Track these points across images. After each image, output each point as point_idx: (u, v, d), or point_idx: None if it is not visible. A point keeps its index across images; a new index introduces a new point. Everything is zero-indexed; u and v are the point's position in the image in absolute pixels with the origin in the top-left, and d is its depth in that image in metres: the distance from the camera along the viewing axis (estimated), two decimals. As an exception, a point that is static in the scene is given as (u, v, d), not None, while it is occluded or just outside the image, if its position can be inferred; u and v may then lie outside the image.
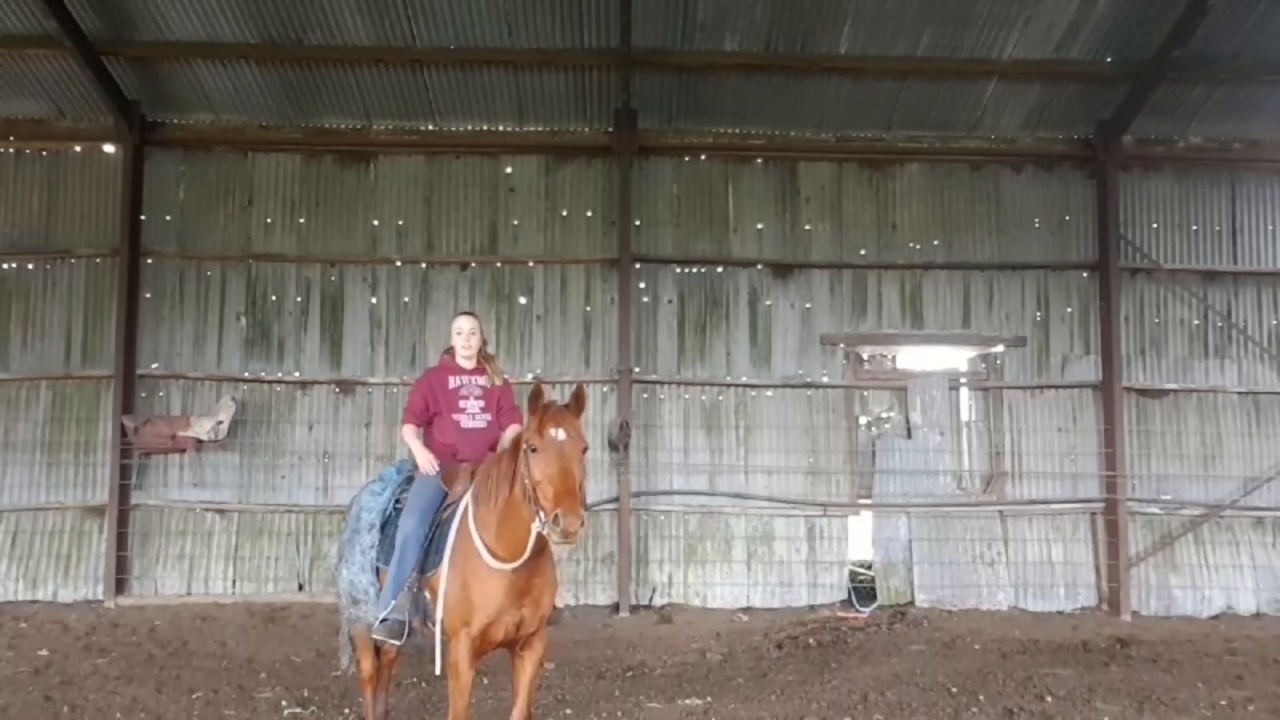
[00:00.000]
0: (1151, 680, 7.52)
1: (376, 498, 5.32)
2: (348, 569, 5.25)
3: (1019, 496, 10.98)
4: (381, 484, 5.42)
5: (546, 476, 4.15)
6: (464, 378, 5.30)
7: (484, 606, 4.49)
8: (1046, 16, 10.00)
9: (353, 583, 5.20)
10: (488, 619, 4.50)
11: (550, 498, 4.09)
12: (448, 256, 11.11)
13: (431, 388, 5.28)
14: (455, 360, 5.37)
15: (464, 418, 5.21)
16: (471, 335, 5.31)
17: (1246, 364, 11.25)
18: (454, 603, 4.55)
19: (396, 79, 10.64)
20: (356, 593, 5.19)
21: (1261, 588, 10.78)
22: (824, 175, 11.31)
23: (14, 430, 10.80)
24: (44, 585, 10.52)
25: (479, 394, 5.27)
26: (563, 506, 4.01)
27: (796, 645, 8.73)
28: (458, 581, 4.56)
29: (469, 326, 5.33)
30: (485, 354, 5.44)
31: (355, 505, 5.46)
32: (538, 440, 4.23)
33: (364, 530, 5.22)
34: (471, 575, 4.52)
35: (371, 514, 5.25)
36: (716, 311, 11.12)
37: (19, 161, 11.15)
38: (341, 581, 5.36)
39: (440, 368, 5.41)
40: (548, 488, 4.12)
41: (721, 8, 9.89)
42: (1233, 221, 11.38)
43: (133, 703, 6.62)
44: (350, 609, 5.28)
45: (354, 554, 5.22)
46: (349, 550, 5.29)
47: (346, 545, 5.36)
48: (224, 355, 10.99)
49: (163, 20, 10.02)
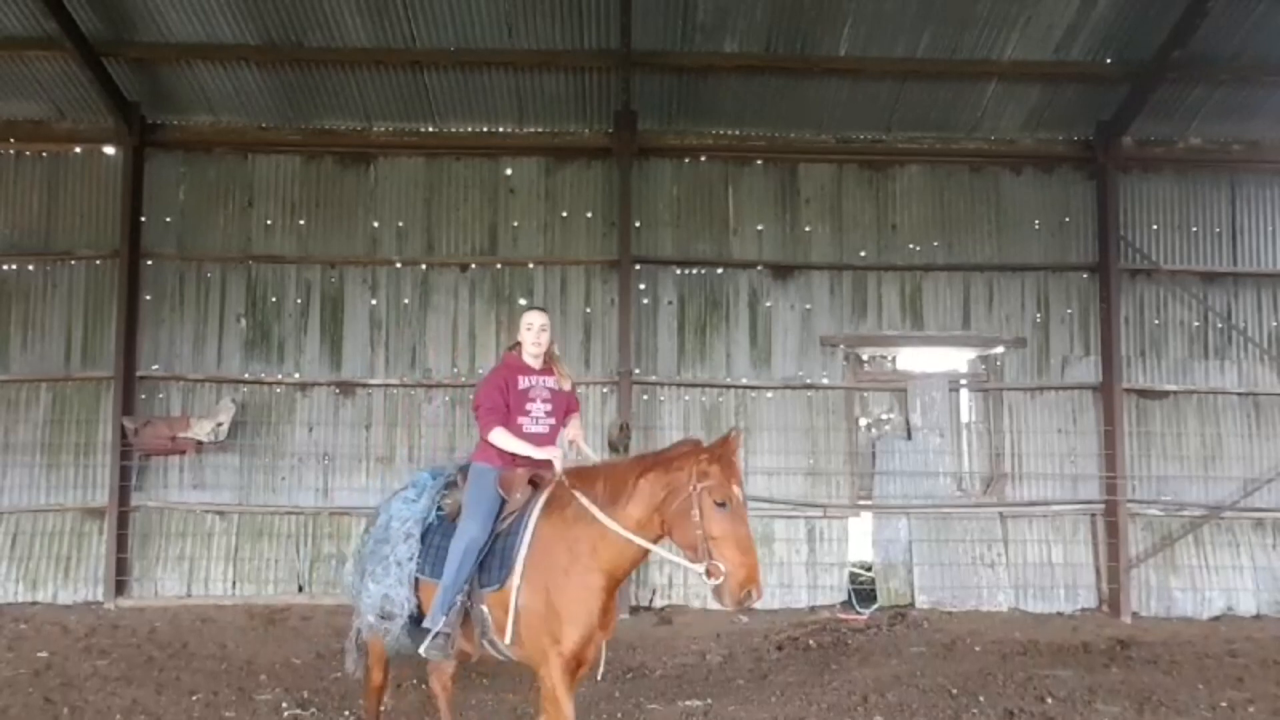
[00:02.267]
0: (1152, 682, 7.52)
1: (411, 505, 5.04)
2: (377, 582, 4.90)
3: (1019, 498, 10.97)
4: (415, 490, 5.13)
5: (734, 540, 4.14)
6: (534, 378, 5.01)
7: (577, 623, 4.34)
8: (1046, 17, 10.00)
9: (386, 596, 4.85)
10: (582, 636, 4.36)
11: (737, 564, 4.10)
12: (448, 258, 11.12)
13: (505, 386, 4.94)
14: (522, 358, 5.07)
15: (528, 421, 4.92)
16: (542, 331, 5.03)
17: (1246, 365, 11.24)
18: (538, 619, 4.37)
19: (396, 80, 10.64)
20: (391, 606, 4.85)
21: (1262, 589, 10.77)
22: (824, 176, 11.31)
23: (14, 431, 10.79)
24: (44, 587, 10.52)
25: (546, 396, 5.01)
26: (754, 585, 4.11)
27: (796, 647, 8.73)
28: (539, 597, 4.37)
29: (540, 322, 5.04)
30: (551, 353, 5.18)
31: (383, 514, 5.18)
32: (727, 494, 4.19)
33: (397, 540, 4.91)
34: (559, 590, 4.35)
35: (407, 523, 4.96)
36: (716, 313, 11.12)
37: (19, 163, 11.14)
38: (368, 596, 4.95)
39: (508, 366, 5.07)
40: (734, 553, 4.12)
41: (721, 8, 9.89)
42: (1233, 223, 11.37)
43: (133, 704, 6.63)
44: (380, 624, 4.92)
45: (386, 566, 4.89)
46: (376, 562, 4.97)
47: (371, 556, 5.04)
48: (224, 357, 10.99)
49: (163, 21, 10.02)
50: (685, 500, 4.24)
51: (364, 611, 5.00)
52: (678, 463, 4.35)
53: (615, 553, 4.43)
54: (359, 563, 5.26)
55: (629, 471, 4.49)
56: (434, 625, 4.59)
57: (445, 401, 10.98)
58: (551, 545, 4.46)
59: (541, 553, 4.44)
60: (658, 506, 4.34)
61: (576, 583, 4.37)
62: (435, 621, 4.60)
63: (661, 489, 4.34)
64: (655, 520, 4.38)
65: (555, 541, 4.48)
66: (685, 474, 4.28)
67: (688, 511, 4.22)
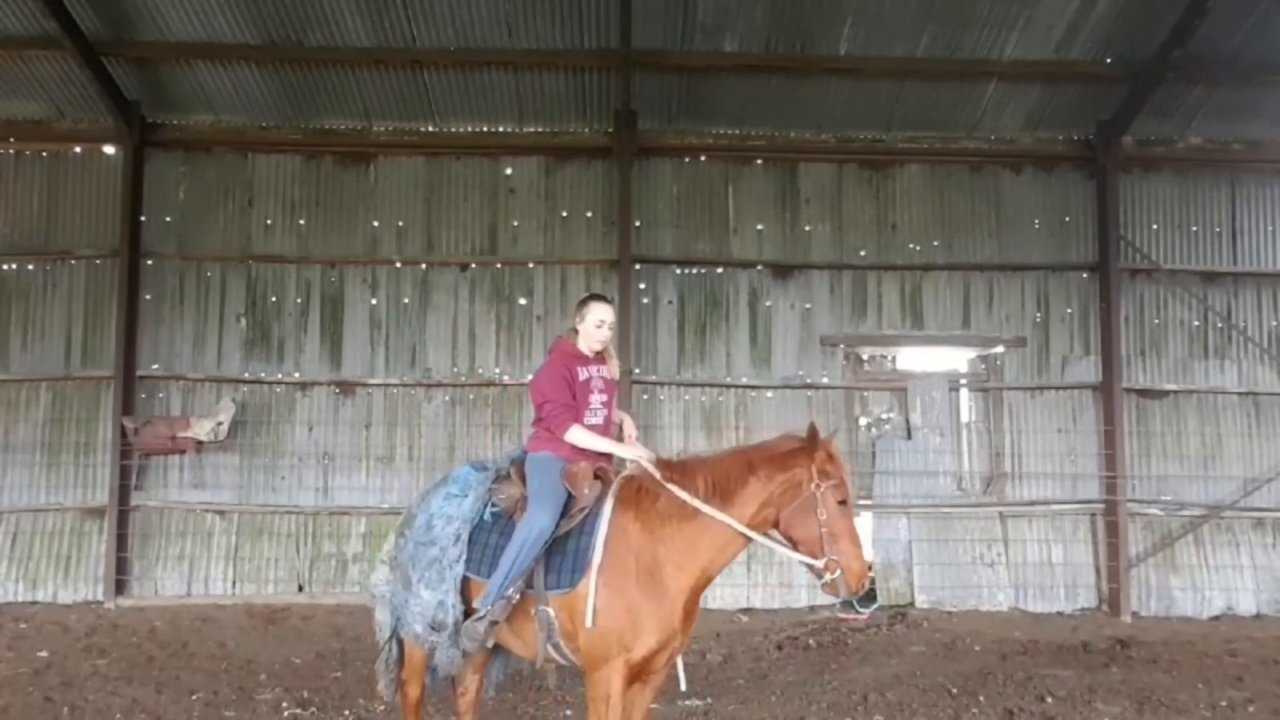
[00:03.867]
0: (1151, 681, 7.52)
1: (456, 502, 4.64)
2: (431, 589, 4.51)
3: (1019, 497, 10.97)
4: (458, 486, 4.72)
5: (851, 536, 4.19)
6: (590, 368, 4.68)
7: (655, 630, 4.15)
8: (1046, 17, 10.00)
9: (441, 604, 4.48)
10: (657, 643, 4.17)
11: (854, 558, 4.16)
12: (448, 257, 11.11)
13: (570, 379, 4.59)
14: (578, 347, 4.73)
15: (588, 414, 4.62)
16: (611, 330, 4.73)
17: (1246, 365, 11.24)
18: (615, 625, 4.13)
19: (396, 80, 10.64)
20: (444, 615, 4.47)
21: (1262, 589, 10.77)
22: (824, 176, 11.31)
23: (14, 431, 10.80)
24: (44, 586, 10.52)
25: (602, 387, 4.71)
26: (866, 579, 4.24)
27: (796, 646, 8.73)
28: (618, 600, 4.15)
29: (611, 319, 4.71)
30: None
31: (421, 513, 4.73)
32: (847, 493, 4.23)
33: (447, 542, 4.53)
34: (642, 593, 4.16)
35: (454, 522, 4.57)
36: (716, 312, 11.11)
37: (19, 162, 11.14)
38: (418, 604, 4.54)
39: (567, 355, 4.69)
40: (852, 547, 4.17)
41: (721, 8, 9.89)
42: (1233, 222, 11.37)
43: (133, 704, 6.62)
44: (428, 635, 4.55)
45: (441, 571, 4.51)
46: (426, 566, 4.56)
47: (416, 561, 4.61)
48: (224, 356, 10.99)
49: (163, 21, 10.02)
50: (808, 499, 4.19)
51: (410, 621, 4.61)
52: (791, 460, 4.27)
53: (717, 550, 4.30)
54: (398, 568, 4.76)
55: (735, 467, 4.34)
56: (483, 607, 4.32)
57: (445, 401, 10.98)
58: (634, 544, 4.25)
59: (621, 552, 4.22)
60: (772, 503, 4.26)
61: (663, 585, 4.20)
62: (485, 604, 4.32)
63: (777, 486, 4.25)
64: (764, 516, 4.29)
65: (640, 540, 4.26)
66: (804, 472, 4.21)
67: (811, 510, 4.18)
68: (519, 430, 10.86)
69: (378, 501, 10.80)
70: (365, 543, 10.72)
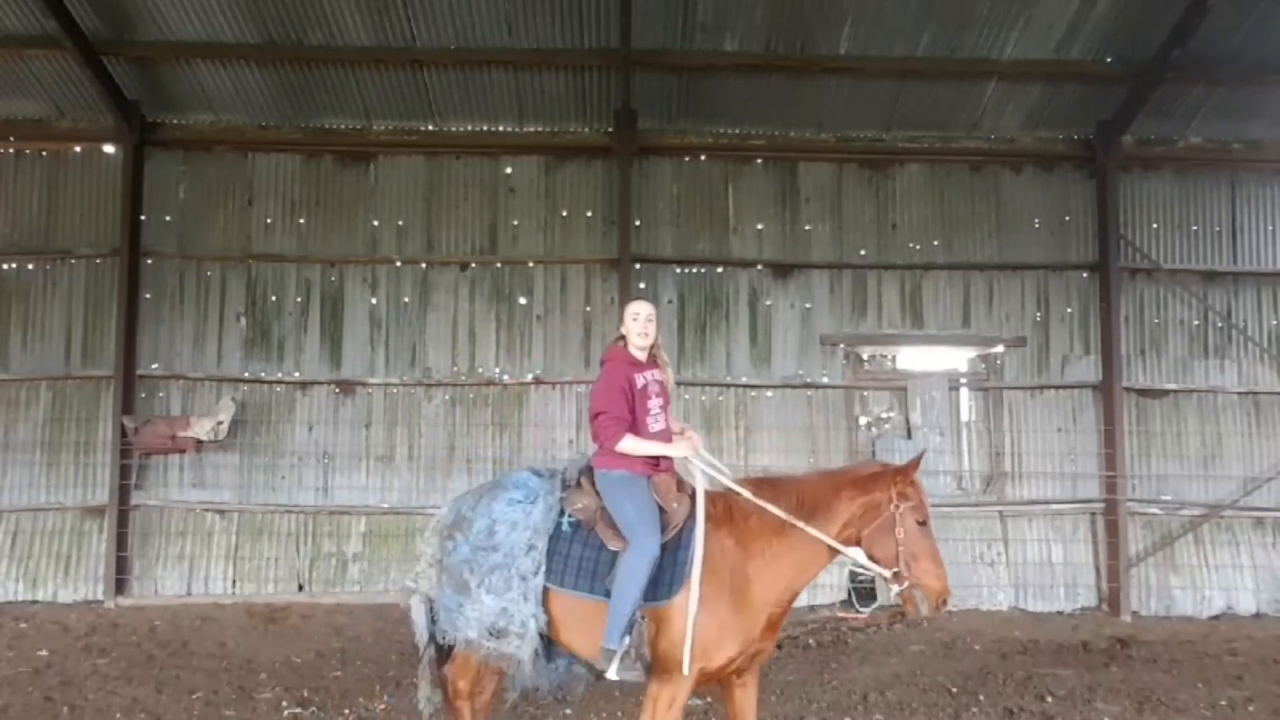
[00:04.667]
0: (1151, 681, 7.53)
1: (520, 509, 4.61)
2: (495, 595, 4.46)
3: (1019, 497, 10.98)
4: (522, 492, 4.68)
5: (931, 555, 4.39)
6: (646, 374, 4.74)
7: (737, 643, 4.37)
8: (1046, 17, 10.00)
9: (505, 611, 4.44)
10: (738, 652, 4.40)
11: (936, 578, 4.37)
12: (448, 257, 11.11)
13: (627, 387, 4.64)
14: (630, 353, 4.76)
15: (650, 420, 4.67)
16: (649, 321, 4.74)
17: (1246, 364, 11.24)
18: (702, 636, 4.29)
19: (396, 79, 10.64)
20: (508, 623, 4.44)
21: (1261, 588, 10.77)
22: (824, 175, 11.31)
23: (14, 430, 10.80)
24: (44, 585, 10.52)
25: (659, 391, 4.76)
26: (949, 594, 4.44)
27: (796, 645, 8.72)
28: (710, 615, 4.30)
29: (646, 312, 4.76)
30: (657, 344, 4.90)
31: (480, 518, 4.64)
32: (926, 514, 4.44)
33: (517, 550, 4.50)
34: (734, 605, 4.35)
35: (523, 530, 4.54)
36: (716, 312, 11.11)
37: (19, 161, 11.14)
38: (476, 608, 4.49)
39: (621, 362, 4.73)
40: (933, 567, 4.38)
41: (721, 8, 9.89)
42: (1233, 222, 11.37)
43: (133, 703, 6.63)
44: (486, 641, 4.49)
45: (507, 578, 4.47)
46: (483, 573, 4.51)
47: (470, 566, 4.55)
48: (224, 356, 10.99)
49: (163, 20, 10.02)
50: (888, 519, 4.42)
51: (462, 627, 4.54)
52: (873, 483, 4.51)
53: (805, 565, 4.54)
54: (445, 571, 4.67)
55: (823, 487, 4.58)
56: (617, 645, 4.37)
57: (445, 401, 10.98)
58: (729, 559, 4.41)
59: (717, 566, 4.37)
60: (854, 523, 4.49)
61: (751, 599, 4.39)
62: (616, 641, 4.37)
63: (859, 507, 4.48)
64: (847, 535, 4.51)
65: (734, 555, 4.43)
66: (885, 495, 4.45)
67: (890, 529, 4.42)
68: (519, 430, 10.88)
69: (378, 501, 10.80)
70: (365, 542, 10.74)
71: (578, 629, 4.53)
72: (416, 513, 10.66)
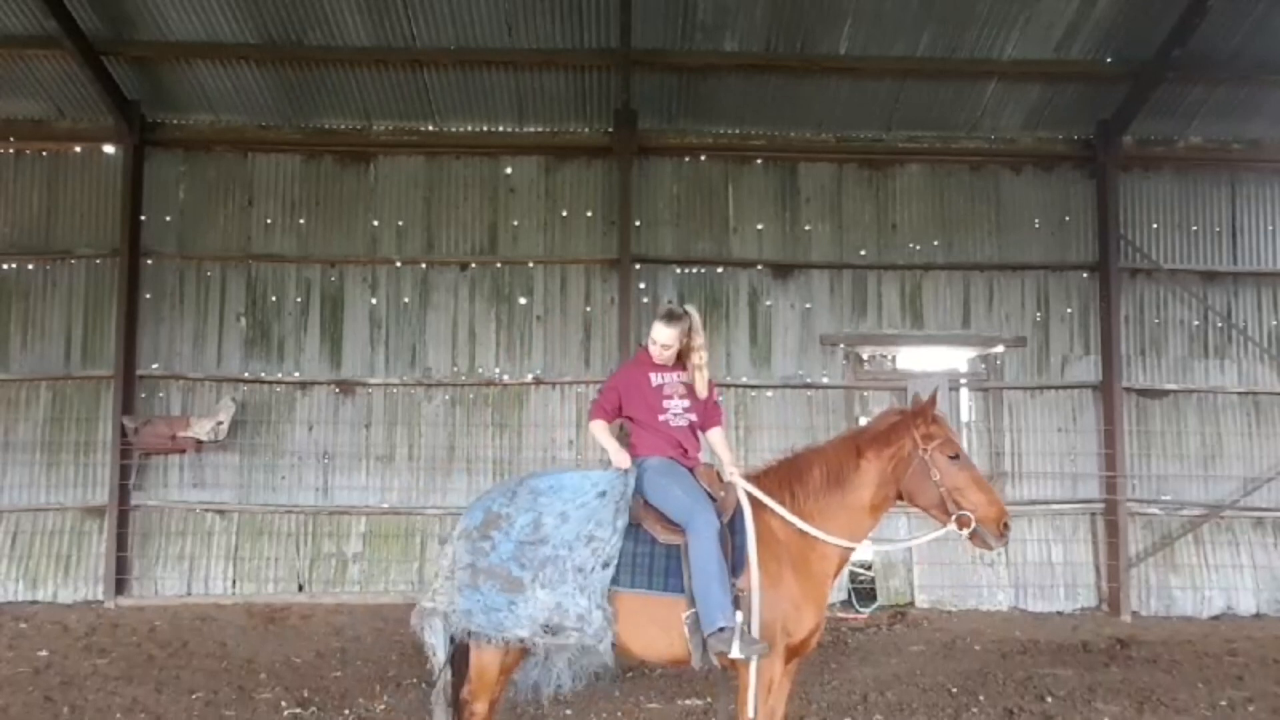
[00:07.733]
0: (1151, 681, 7.53)
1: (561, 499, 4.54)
2: (548, 590, 4.34)
3: (1019, 497, 10.96)
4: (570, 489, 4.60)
5: (975, 484, 4.38)
6: (666, 375, 4.87)
7: (814, 611, 4.41)
8: (1046, 16, 10.00)
9: (559, 606, 4.32)
10: (816, 623, 4.44)
11: (987, 504, 4.34)
12: (448, 257, 11.11)
13: (628, 386, 4.85)
14: (651, 355, 4.90)
15: (669, 417, 4.79)
16: (664, 349, 4.78)
17: (1246, 364, 11.24)
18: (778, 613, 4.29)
19: (396, 79, 10.64)
20: (563, 619, 4.32)
21: (1261, 588, 10.77)
22: (824, 175, 11.31)
23: (14, 430, 10.79)
24: (44, 585, 10.51)
25: (683, 392, 4.85)
26: (1008, 516, 4.38)
27: (796, 645, 8.71)
28: (779, 590, 4.31)
29: (663, 339, 4.76)
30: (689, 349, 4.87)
31: (524, 514, 4.51)
32: (956, 447, 4.43)
33: (570, 542, 4.39)
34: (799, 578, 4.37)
35: (576, 523, 4.44)
36: (716, 312, 11.11)
37: (19, 162, 11.14)
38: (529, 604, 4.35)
39: (640, 362, 4.95)
40: (980, 495, 4.35)
41: (721, 8, 9.89)
42: (1233, 222, 11.37)
43: (133, 703, 6.63)
44: (541, 638, 4.37)
45: (562, 571, 4.35)
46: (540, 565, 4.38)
47: (518, 562, 4.40)
48: (224, 356, 10.99)
49: (163, 20, 10.02)
50: (920, 465, 4.40)
51: (510, 627, 4.37)
52: (893, 435, 4.49)
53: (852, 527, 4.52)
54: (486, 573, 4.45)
55: (843, 455, 4.54)
56: (731, 621, 4.19)
57: (445, 401, 10.98)
58: (781, 535, 4.43)
59: (772, 544, 4.40)
60: (888, 480, 4.47)
61: (812, 569, 4.42)
62: (729, 617, 4.20)
63: (888, 463, 4.46)
64: (885, 494, 4.50)
65: (785, 531, 4.44)
66: (909, 441, 4.43)
67: (926, 474, 4.39)
68: (519, 430, 10.88)
69: (377, 501, 10.80)
70: (365, 542, 10.74)
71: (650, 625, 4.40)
72: (416, 513, 10.68)
